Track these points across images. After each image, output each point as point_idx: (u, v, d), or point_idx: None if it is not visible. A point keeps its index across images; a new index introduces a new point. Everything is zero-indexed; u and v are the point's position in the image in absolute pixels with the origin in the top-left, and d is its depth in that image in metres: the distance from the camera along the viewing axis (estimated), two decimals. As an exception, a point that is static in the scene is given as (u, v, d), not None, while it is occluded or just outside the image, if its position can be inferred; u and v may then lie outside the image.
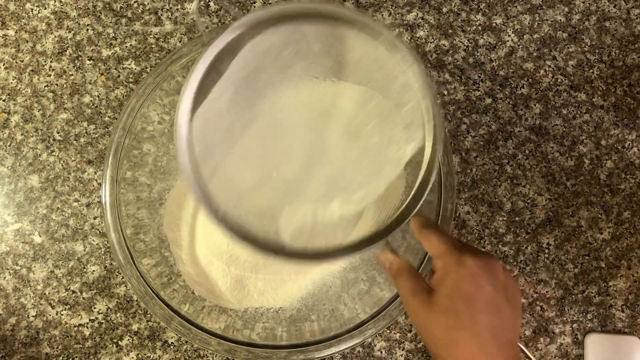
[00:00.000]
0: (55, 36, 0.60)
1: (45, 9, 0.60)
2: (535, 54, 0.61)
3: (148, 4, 0.61)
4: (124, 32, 0.60)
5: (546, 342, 0.58)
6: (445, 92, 0.60)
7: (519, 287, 0.43)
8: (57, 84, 0.59)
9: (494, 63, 0.60)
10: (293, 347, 0.50)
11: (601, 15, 0.61)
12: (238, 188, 0.41)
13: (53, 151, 0.59)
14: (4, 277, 0.57)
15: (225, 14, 0.61)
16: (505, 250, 0.58)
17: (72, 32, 0.60)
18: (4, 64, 0.59)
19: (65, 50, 0.60)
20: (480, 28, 0.61)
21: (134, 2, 0.61)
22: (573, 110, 0.60)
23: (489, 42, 0.61)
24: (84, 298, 0.57)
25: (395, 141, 0.44)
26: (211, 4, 0.61)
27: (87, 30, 0.60)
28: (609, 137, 0.60)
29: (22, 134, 0.59)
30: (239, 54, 0.39)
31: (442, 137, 0.41)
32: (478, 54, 0.60)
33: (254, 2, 0.61)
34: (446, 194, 0.51)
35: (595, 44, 0.61)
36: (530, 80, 0.60)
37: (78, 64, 0.60)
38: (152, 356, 0.57)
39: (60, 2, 0.61)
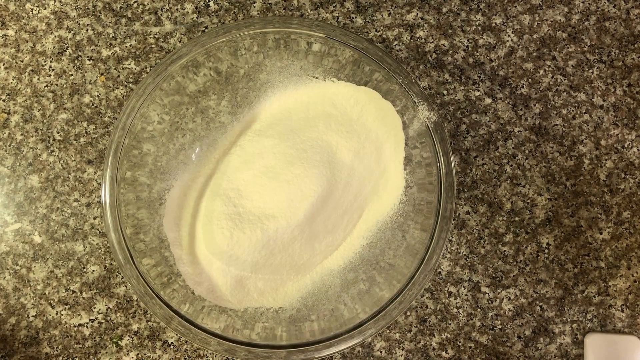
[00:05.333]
0: (55, 36, 0.60)
1: (45, 9, 0.60)
2: (535, 54, 0.61)
3: (148, 4, 0.61)
4: (124, 32, 0.60)
5: (546, 342, 0.58)
6: (445, 92, 0.60)
7: None
8: (57, 84, 0.59)
9: (493, 63, 0.60)
10: (293, 347, 0.50)
11: (601, 15, 0.61)
12: None
13: (53, 151, 0.59)
14: (4, 277, 0.57)
15: (225, 13, 0.61)
16: (505, 250, 0.58)
17: (72, 32, 0.60)
18: (4, 64, 0.59)
19: (65, 50, 0.60)
20: (480, 28, 0.61)
21: (134, 2, 0.61)
22: (573, 110, 0.60)
23: (489, 42, 0.61)
24: (84, 298, 0.57)
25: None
26: (211, 3, 0.61)
27: (87, 30, 0.60)
28: (608, 137, 0.60)
29: (22, 134, 0.59)
30: None
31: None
32: (478, 54, 0.60)
33: (254, 2, 0.61)
34: (446, 194, 0.51)
35: (595, 44, 0.61)
36: (530, 80, 0.60)
37: (78, 64, 0.60)
38: (152, 356, 0.57)
39: (60, 2, 0.61)
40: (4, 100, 0.59)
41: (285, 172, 0.54)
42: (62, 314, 0.57)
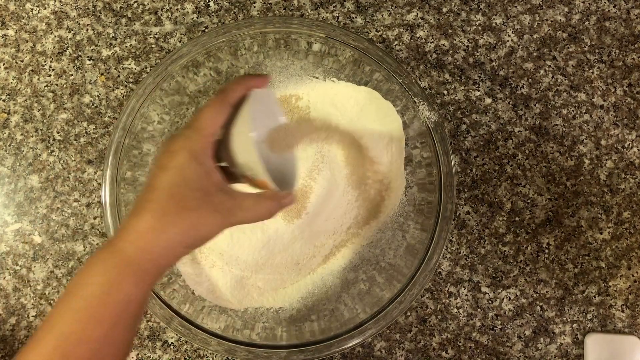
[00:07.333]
0: (55, 36, 0.60)
1: (45, 9, 0.60)
2: (535, 54, 0.61)
3: (148, 4, 0.61)
4: (124, 32, 0.60)
5: (546, 342, 0.58)
6: (445, 92, 0.60)
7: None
8: (57, 84, 0.59)
9: (494, 63, 0.60)
10: (293, 347, 0.50)
11: (601, 15, 0.61)
12: None
13: (53, 151, 0.59)
14: (4, 277, 0.57)
15: (225, 13, 0.61)
16: (505, 250, 0.58)
17: (72, 32, 0.60)
18: (4, 64, 0.59)
19: (65, 50, 0.60)
20: (480, 28, 0.61)
21: (134, 2, 0.61)
22: (573, 110, 0.60)
23: (489, 42, 0.61)
24: (84, 298, 0.57)
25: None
26: (211, 3, 0.61)
27: (87, 30, 0.60)
28: (609, 137, 0.60)
29: (22, 134, 0.59)
30: None
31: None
32: (478, 54, 0.60)
33: (254, 2, 0.61)
34: (446, 194, 0.51)
35: (595, 44, 0.61)
36: (530, 80, 0.60)
37: (78, 64, 0.60)
38: (152, 356, 0.57)
39: (60, 2, 0.61)
40: (4, 100, 0.59)
41: (285, 172, 0.54)
42: (62, 314, 0.57)
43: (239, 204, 0.38)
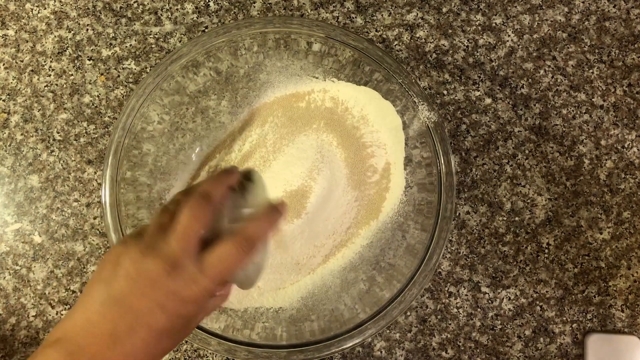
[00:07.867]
0: (55, 36, 0.60)
1: (45, 9, 0.60)
2: (535, 54, 0.61)
3: (148, 4, 0.61)
4: (124, 32, 0.60)
5: (546, 342, 0.58)
6: (445, 92, 0.60)
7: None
8: (57, 84, 0.59)
9: (493, 63, 0.60)
10: (293, 347, 0.50)
11: (601, 15, 0.61)
12: None
13: (53, 151, 0.59)
14: (4, 277, 0.57)
15: (225, 13, 0.61)
16: (505, 250, 0.58)
17: (72, 32, 0.60)
18: (4, 64, 0.59)
19: (65, 50, 0.60)
20: (480, 28, 0.61)
21: (134, 2, 0.61)
22: (573, 110, 0.60)
23: (489, 42, 0.61)
24: (84, 298, 0.57)
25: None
26: (211, 3, 0.61)
27: (87, 30, 0.60)
28: (608, 137, 0.60)
29: (22, 134, 0.59)
30: None
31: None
32: (478, 54, 0.60)
33: (254, 2, 0.61)
34: (446, 194, 0.51)
35: (595, 44, 0.61)
36: (530, 80, 0.60)
37: (78, 64, 0.60)
38: (152, 356, 0.57)
39: (60, 2, 0.61)
40: (4, 100, 0.59)
41: (285, 172, 0.54)
42: (62, 314, 0.57)
43: (198, 321, 0.39)
